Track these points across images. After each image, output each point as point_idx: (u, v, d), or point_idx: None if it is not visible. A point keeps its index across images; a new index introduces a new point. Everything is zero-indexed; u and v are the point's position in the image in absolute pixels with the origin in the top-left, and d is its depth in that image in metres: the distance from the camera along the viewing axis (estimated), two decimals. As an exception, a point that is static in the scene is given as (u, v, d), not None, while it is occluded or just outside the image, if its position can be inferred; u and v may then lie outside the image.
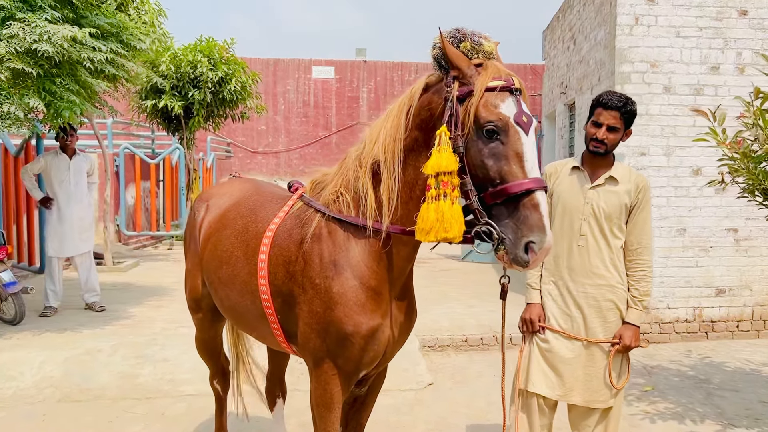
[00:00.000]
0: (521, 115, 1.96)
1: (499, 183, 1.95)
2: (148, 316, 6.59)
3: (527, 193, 1.92)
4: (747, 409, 4.56)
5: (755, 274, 6.37)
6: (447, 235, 1.99)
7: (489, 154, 1.96)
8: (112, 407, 4.54)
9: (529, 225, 1.91)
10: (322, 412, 2.39)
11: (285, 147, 22.17)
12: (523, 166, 1.94)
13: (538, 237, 1.90)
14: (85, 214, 6.69)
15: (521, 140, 1.95)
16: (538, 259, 1.93)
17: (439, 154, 1.98)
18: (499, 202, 1.95)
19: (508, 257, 1.96)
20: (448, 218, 1.97)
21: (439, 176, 1.99)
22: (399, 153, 2.18)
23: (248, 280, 2.58)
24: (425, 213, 2.02)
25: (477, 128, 1.97)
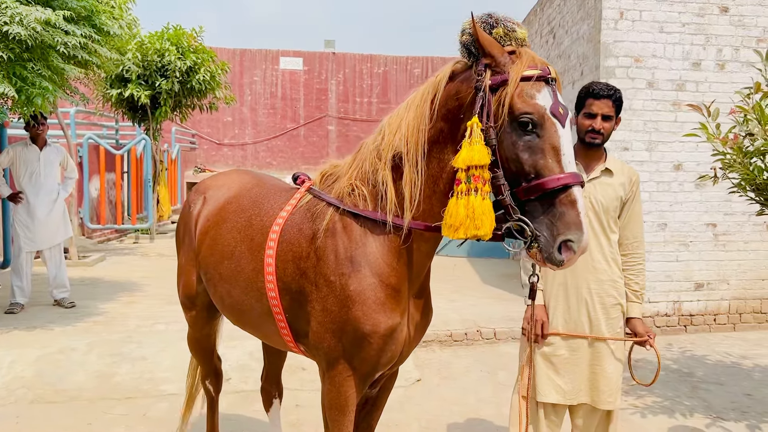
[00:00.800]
0: (558, 106, 1.87)
1: (533, 178, 1.85)
2: (121, 312, 6.35)
3: (564, 189, 1.82)
4: (733, 402, 4.61)
5: (732, 268, 6.47)
6: (478, 232, 1.88)
7: (524, 148, 1.86)
8: (89, 408, 4.34)
9: (565, 222, 1.81)
10: (336, 416, 2.27)
11: (252, 139, 21.81)
12: (559, 160, 1.84)
13: (576, 235, 1.80)
14: (57, 207, 6.40)
15: (558, 133, 1.86)
16: (574, 259, 1.85)
17: (471, 146, 1.88)
18: (533, 198, 1.85)
19: (542, 256, 1.86)
20: (479, 214, 1.87)
21: (470, 170, 1.88)
22: (423, 145, 2.06)
23: (253, 276, 2.44)
24: (454, 209, 1.91)
25: (511, 120, 1.87)
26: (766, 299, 6.56)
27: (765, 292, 6.56)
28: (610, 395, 2.84)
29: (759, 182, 3.87)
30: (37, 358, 4.87)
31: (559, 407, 2.95)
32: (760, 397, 4.69)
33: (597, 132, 2.75)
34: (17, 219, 6.25)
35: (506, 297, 7.52)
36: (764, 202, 4.03)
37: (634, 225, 2.89)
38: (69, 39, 4.65)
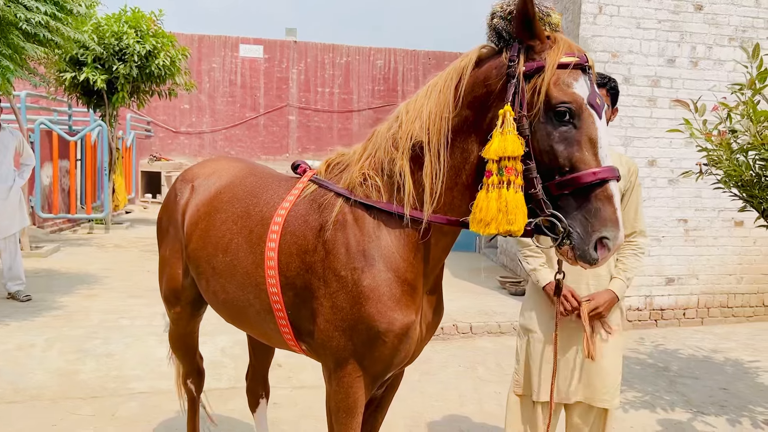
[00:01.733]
0: (595, 96, 1.76)
1: (568, 171, 1.74)
2: (82, 306, 6.04)
3: (600, 184, 1.72)
4: (710, 396, 4.65)
5: (702, 263, 6.57)
6: (511, 228, 1.76)
7: (559, 139, 1.75)
8: (53, 408, 4.08)
9: (601, 219, 1.70)
10: (343, 418, 2.13)
11: (209, 127, 21.28)
12: (596, 153, 1.74)
13: (612, 232, 1.70)
14: (13, 194, 6.04)
15: (595, 124, 1.75)
16: (608, 257, 1.75)
17: (503, 136, 1.75)
18: (566, 193, 1.75)
19: (574, 253, 1.75)
20: (512, 208, 1.75)
21: (502, 161, 1.76)
22: (446, 134, 1.93)
23: (252, 270, 2.27)
24: (484, 203, 1.78)
25: (547, 109, 1.75)
26: (732, 294, 6.70)
27: (731, 287, 6.69)
28: (605, 393, 2.77)
29: (745, 178, 3.88)
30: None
31: (557, 406, 2.86)
32: (735, 391, 4.75)
33: None
34: (-30, 207, 5.88)
35: (478, 291, 7.48)
36: (747, 198, 4.05)
37: (634, 215, 2.83)
38: (32, 15, 4.34)
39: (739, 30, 6.40)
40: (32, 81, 5.32)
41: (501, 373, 5.03)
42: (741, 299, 6.72)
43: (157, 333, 5.15)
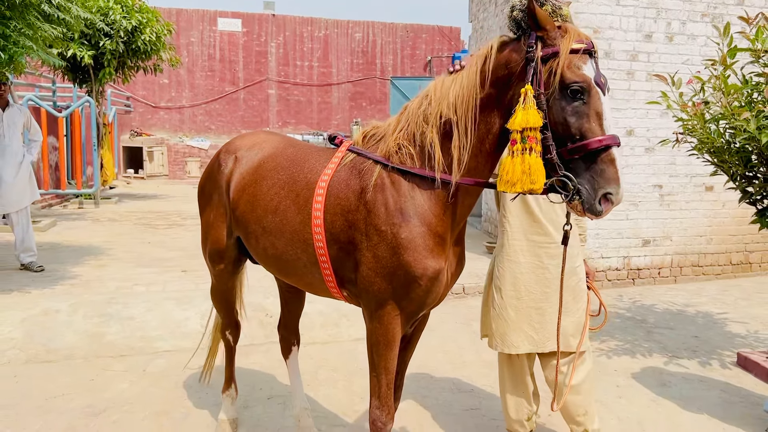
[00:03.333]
0: (600, 76, 2.13)
1: (579, 139, 2.10)
2: (95, 275, 6.33)
3: (605, 149, 2.08)
4: (683, 342, 5.15)
5: (675, 225, 7.06)
6: (533, 187, 2.12)
7: (571, 112, 2.11)
8: (86, 366, 4.41)
9: (606, 178, 2.07)
10: (383, 351, 2.51)
11: (189, 102, 21.29)
12: (602, 124, 2.10)
13: (615, 188, 2.07)
14: (23, 169, 6.26)
15: (601, 100, 2.11)
16: (610, 210, 2.13)
17: (525, 111, 2.11)
18: (577, 157, 2.11)
19: (582, 207, 2.12)
20: (534, 171, 2.11)
21: (525, 131, 2.12)
22: (474, 111, 2.28)
23: (300, 229, 2.62)
24: (510, 166, 2.14)
25: (561, 88, 2.10)
26: (703, 254, 7.22)
27: (702, 247, 7.21)
28: (575, 337, 3.09)
29: (716, 145, 4.31)
30: (23, 320, 4.86)
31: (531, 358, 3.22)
32: (706, 339, 5.26)
33: None
34: (-18, 182, 6.09)
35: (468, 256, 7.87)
36: (718, 163, 4.48)
37: None
38: (53, -4, 4.56)
39: (711, 6, 6.81)
40: (50, 60, 5.48)
41: (494, 328, 5.47)
42: (711, 258, 7.25)
43: (173, 298, 5.48)
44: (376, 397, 2.57)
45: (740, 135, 4.03)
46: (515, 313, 3.10)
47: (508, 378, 3.28)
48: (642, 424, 3.68)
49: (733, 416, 3.80)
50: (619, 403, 3.95)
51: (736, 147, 4.25)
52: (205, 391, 3.98)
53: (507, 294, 3.13)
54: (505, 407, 3.29)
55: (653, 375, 4.45)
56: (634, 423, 3.70)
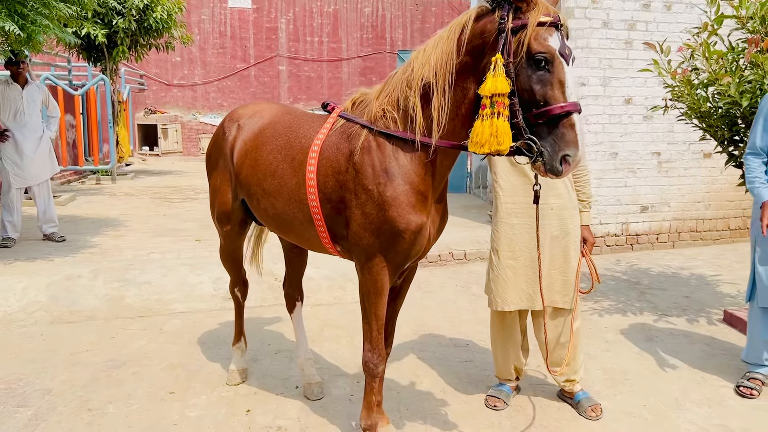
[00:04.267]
0: (565, 47, 2.32)
1: (542, 105, 2.30)
2: (113, 245, 6.65)
3: (566, 115, 2.28)
4: (674, 302, 5.37)
5: (673, 192, 7.22)
6: (500, 148, 2.33)
7: (536, 80, 2.31)
8: (107, 326, 4.72)
9: (566, 141, 2.27)
10: (373, 299, 2.76)
11: (201, 80, 21.50)
12: (564, 92, 2.30)
13: (573, 151, 2.28)
14: (43, 144, 6.56)
15: (564, 70, 2.31)
16: (570, 170, 2.33)
17: (495, 78, 2.32)
18: (541, 122, 2.31)
19: (545, 168, 2.34)
20: (501, 133, 2.32)
21: (494, 97, 2.32)
22: (451, 76, 2.49)
23: (296, 189, 2.87)
24: (480, 129, 2.35)
25: (528, 57, 2.30)
26: (701, 219, 7.38)
27: (700, 213, 7.37)
28: (566, 294, 3.30)
29: (703, 110, 4.47)
30: (48, 285, 5.18)
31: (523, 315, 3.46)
32: (697, 298, 5.47)
33: None
34: (5, 157, 6.39)
35: (471, 225, 8.14)
36: (706, 128, 4.65)
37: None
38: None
39: (710, -26, 6.87)
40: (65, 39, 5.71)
41: (493, 290, 5.71)
42: (708, 224, 7.41)
43: (187, 264, 5.78)
44: (368, 342, 2.83)
45: (724, 99, 4.20)
46: (512, 272, 3.30)
47: (499, 332, 3.52)
48: (626, 374, 3.92)
49: (712, 366, 4.02)
50: (605, 356, 4.19)
51: (721, 112, 4.41)
52: (218, 347, 4.27)
53: (503, 255, 3.34)
54: (496, 359, 3.56)
55: (641, 331, 4.68)
56: (619, 373, 3.94)
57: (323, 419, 3.29)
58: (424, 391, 3.65)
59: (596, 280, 3.40)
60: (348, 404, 3.47)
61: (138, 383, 3.70)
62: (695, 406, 3.48)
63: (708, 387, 3.73)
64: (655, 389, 3.69)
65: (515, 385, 3.59)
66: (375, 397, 2.92)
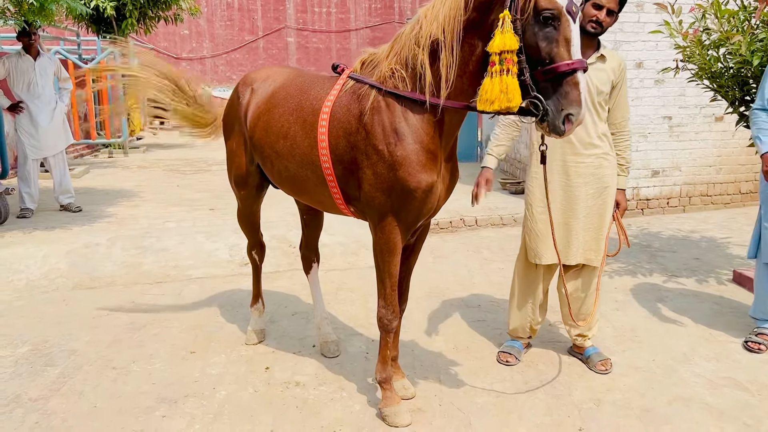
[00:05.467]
0: (572, 5, 2.33)
1: (548, 63, 2.33)
2: (129, 214, 6.76)
3: (571, 73, 2.31)
4: (684, 264, 5.42)
5: (684, 156, 7.22)
6: (510, 104, 2.35)
7: (543, 38, 2.33)
8: (127, 291, 4.84)
9: (569, 100, 2.31)
10: (387, 257, 2.83)
11: (210, 53, 21.50)
12: (569, 50, 2.32)
13: (576, 110, 2.31)
14: (57, 115, 6.65)
15: (570, 27, 2.33)
16: (572, 130, 2.37)
17: (503, 35, 2.34)
18: (546, 79, 2.34)
19: (548, 127, 2.39)
20: (511, 90, 2.34)
21: (503, 54, 2.34)
22: (459, 32, 2.51)
23: (308, 151, 2.92)
24: (489, 86, 2.37)
25: (535, 14, 2.32)
26: (711, 183, 7.39)
27: (711, 177, 7.37)
28: (598, 253, 3.35)
29: (714, 71, 4.46)
30: (67, 253, 5.30)
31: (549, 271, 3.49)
32: (707, 260, 5.51)
33: (598, 23, 3.13)
34: (21, 129, 6.48)
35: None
36: (716, 89, 4.64)
37: (623, 106, 3.33)
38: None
39: (723, -66, 6.77)
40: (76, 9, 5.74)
41: (503, 255, 5.78)
42: (719, 188, 7.42)
43: (203, 231, 5.88)
44: (382, 299, 2.91)
45: (735, 59, 4.19)
46: (545, 227, 3.31)
47: (520, 286, 3.56)
48: (635, 331, 3.99)
49: (721, 323, 4.09)
50: (615, 315, 4.26)
51: (732, 71, 4.41)
52: (235, 310, 4.38)
53: (537, 209, 3.38)
54: (512, 314, 3.61)
55: (651, 291, 4.74)
56: (628, 330, 4.01)
57: (340, 375, 3.39)
58: (437, 349, 3.74)
59: (626, 243, 3.42)
60: (364, 361, 3.57)
61: (159, 344, 3.81)
62: (703, 361, 3.55)
63: (716, 343, 3.80)
64: (664, 345, 3.77)
65: (527, 343, 3.66)
66: (390, 352, 3.00)
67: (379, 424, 2.90)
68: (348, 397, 3.16)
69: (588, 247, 3.35)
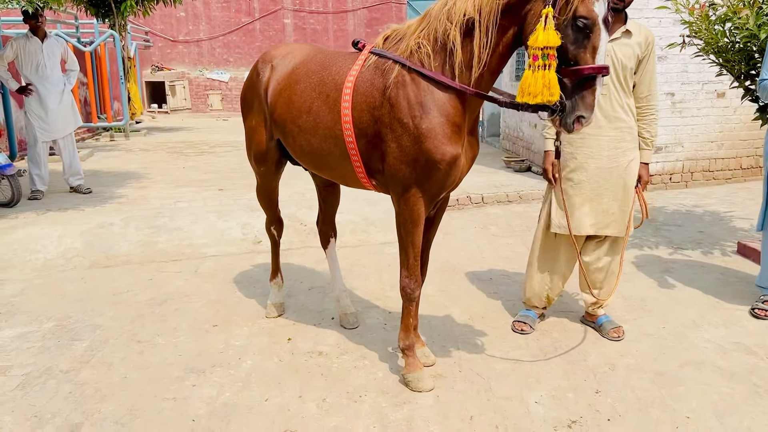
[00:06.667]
0: (607, 15, 2.43)
1: (573, 64, 2.44)
2: (139, 195, 6.82)
3: (593, 78, 2.43)
4: (689, 237, 5.52)
5: (686, 132, 7.30)
6: (552, 98, 2.44)
7: (574, 41, 2.43)
8: (143, 269, 4.91)
9: (585, 103, 2.45)
10: (410, 228, 2.91)
11: (207, 35, 21.34)
12: (594, 56, 2.43)
13: (588, 114, 2.47)
14: (65, 97, 6.68)
15: (601, 36, 2.42)
16: (579, 130, 2.53)
17: (547, 31, 2.41)
18: (566, 78, 2.45)
19: (560, 122, 2.53)
20: (553, 85, 2.43)
21: (546, 49, 2.42)
22: (496, 14, 2.57)
23: (332, 125, 2.99)
24: (532, 80, 2.44)
25: (573, 18, 2.41)
26: (713, 159, 7.48)
27: (713, 153, 7.46)
28: (622, 225, 3.41)
29: (720, 45, 4.53)
30: (82, 233, 5.37)
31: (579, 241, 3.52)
32: (711, 233, 5.62)
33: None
34: (30, 111, 6.51)
35: (487, 171, 8.28)
36: (723, 63, 4.71)
37: (649, 80, 3.36)
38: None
39: None
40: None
41: (511, 230, 5.88)
42: (721, 163, 7.51)
43: (214, 211, 5.96)
44: (405, 268, 3.00)
45: (742, 33, 4.26)
46: (566, 197, 3.40)
47: (541, 254, 3.64)
48: (644, 301, 4.10)
49: (727, 292, 4.20)
50: (624, 286, 4.35)
51: (738, 46, 4.47)
52: (252, 286, 4.47)
53: (562, 180, 3.45)
54: (529, 284, 3.68)
55: (658, 263, 4.85)
56: (637, 300, 4.12)
57: (360, 345, 3.49)
58: (453, 319, 3.84)
59: (647, 216, 3.52)
60: (382, 331, 3.67)
61: (181, 318, 3.90)
62: (712, 327, 3.66)
63: (724, 310, 3.91)
64: (673, 313, 3.88)
65: (541, 313, 3.76)
66: (412, 321, 3.10)
67: (402, 389, 3.00)
68: (370, 365, 3.26)
69: (612, 219, 3.42)
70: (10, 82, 6.46)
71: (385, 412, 2.82)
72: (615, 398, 2.90)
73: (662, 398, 2.90)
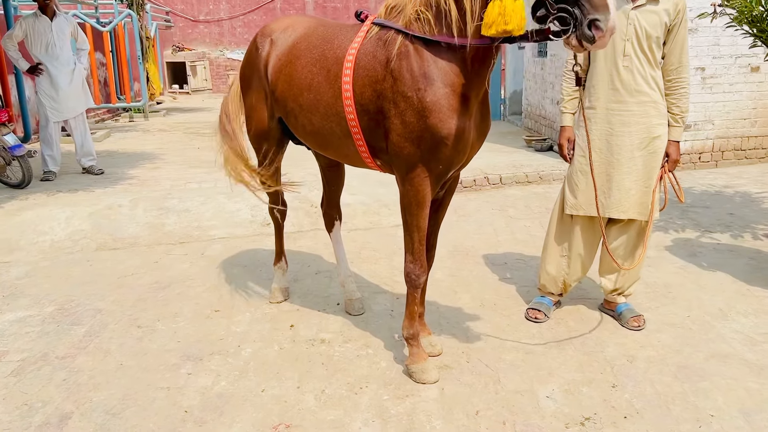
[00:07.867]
0: None
1: None
2: (151, 176, 6.74)
3: None
4: (718, 219, 5.25)
5: (717, 109, 6.96)
6: (506, 27, 2.25)
7: None
8: (150, 251, 4.82)
9: (594, 4, 2.12)
10: (414, 210, 2.73)
11: (227, 14, 21.19)
12: None
13: (603, 15, 2.12)
14: (76, 77, 6.58)
15: None
16: (605, 38, 2.16)
17: None
18: None
19: (577, 39, 2.18)
20: (509, 11, 2.23)
21: None
22: None
23: (332, 102, 2.81)
24: (490, 9, 2.28)
25: None
26: (746, 137, 7.13)
27: (745, 130, 7.11)
28: (644, 207, 3.17)
29: (755, 14, 4.23)
30: (90, 214, 5.29)
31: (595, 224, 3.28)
32: (741, 215, 5.34)
33: None
34: (41, 91, 6.43)
35: (507, 150, 8.03)
36: (757, 34, 4.41)
37: (680, 50, 3.07)
38: None
39: None
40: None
41: (529, 212, 5.66)
42: (754, 142, 7.16)
43: (224, 192, 5.82)
44: (410, 253, 2.82)
45: (778, 0, 3.96)
46: (585, 177, 3.20)
47: (557, 237, 3.44)
48: (668, 287, 3.88)
49: (758, 279, 3.95)
50: (647, 271, 4.13)
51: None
52: (258, 270, 4.34)
53: (577, 159, 3.26)
54: (545, 269, 3.48)
55: (684, 247, 4.61)
56: (661, 287, 3.90)
57: (365, 332, 3.34)
58: (463, 306, 3.67)
59: (680, 199, 3.25)
60: (389, 318, 3.51)
61: (183, 303, 3.79)
62: (741, 317, 3.43)
63: (753, 298, 3.68)
64: (699, 301, 3.65)
65: (556, 300, 3.57)
66: (417, 308, 2.93)
67: (405, 381, 2.85)
68: (374, 354, 3.11)
69: (634, 200, 3.18)
70: (20, 62, 6.38)
71: (385, 405, 2.67)
72: (633, 393, 2.71)
73: (684, 394, 2.70)
